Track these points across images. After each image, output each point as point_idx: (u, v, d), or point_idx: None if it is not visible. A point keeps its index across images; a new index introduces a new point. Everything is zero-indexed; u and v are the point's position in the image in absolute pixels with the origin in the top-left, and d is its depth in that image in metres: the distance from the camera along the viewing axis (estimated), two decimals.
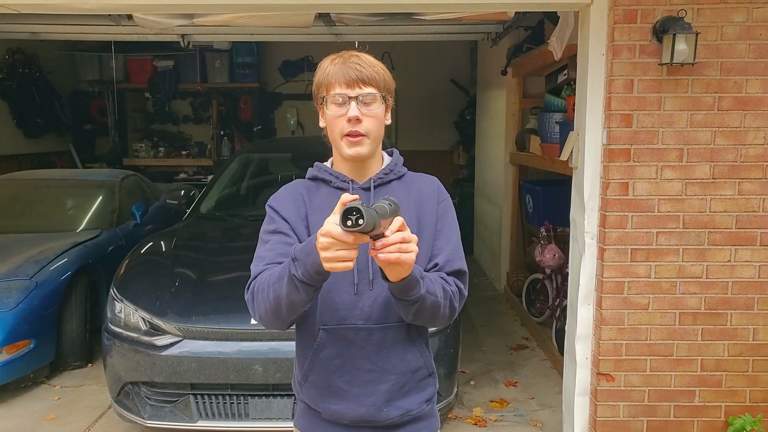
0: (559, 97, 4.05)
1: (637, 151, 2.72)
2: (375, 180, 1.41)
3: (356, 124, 1.32)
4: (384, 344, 1.38)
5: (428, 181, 1.49)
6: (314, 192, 1.42)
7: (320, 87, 1.37)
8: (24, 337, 3.64)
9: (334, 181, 1.41)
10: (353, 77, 1.32)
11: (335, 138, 1.36)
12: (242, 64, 8.04)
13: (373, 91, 1.34)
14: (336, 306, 1.35)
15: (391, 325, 1.37)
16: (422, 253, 1.38)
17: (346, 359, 1.38)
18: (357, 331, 1.36)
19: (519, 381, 3.86)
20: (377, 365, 1.38)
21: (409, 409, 1.42)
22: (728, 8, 2.64)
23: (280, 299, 1.25)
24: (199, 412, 2.87)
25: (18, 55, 6.91)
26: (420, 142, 8.21)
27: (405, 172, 1.47)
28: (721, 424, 2.86)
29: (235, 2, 2.82)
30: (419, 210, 1.42)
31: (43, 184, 5.23)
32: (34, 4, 2.76)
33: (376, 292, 1.36)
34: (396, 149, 1.51)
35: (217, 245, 3.78)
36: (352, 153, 1.35)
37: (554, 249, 4.27)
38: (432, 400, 1.49)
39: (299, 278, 1.19)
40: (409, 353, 1.41)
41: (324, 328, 1.37)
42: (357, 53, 1.37)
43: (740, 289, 2.78)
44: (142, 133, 8.59)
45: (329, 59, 1.37)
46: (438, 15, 3.82)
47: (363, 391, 1.38)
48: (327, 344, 1.38)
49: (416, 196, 1.43)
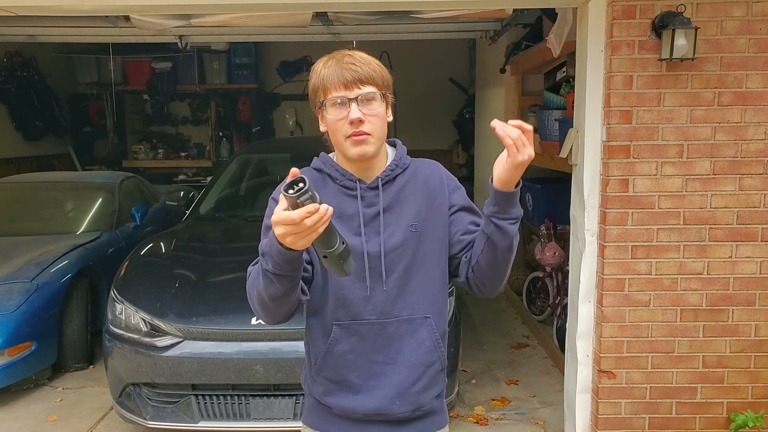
0: (558, 95, 4.04)
1: (636, 147, 2.71)
2: (382, 178, 1.40)
3: (359, 126, 1.30)
4: (396, 337, 1.38)
5: (433, 168, 1.47)
6: (320, 187, 1.39)
7: (317, 91, 1.34)
8: (25, 340, 3.64)
9: (340, 179, 1.39)
10: (350, 78, 1.30)
11: (339, 141, 1.34)
12: (240, 65, 8.04)
13: (372, 89, 1.31)
14: (349, 302, 1.36)
15: (404, 318, 1.38)
16: (437, 244, 1.40)
17: (360, 354, 1.38)
18: (371, 326, 1.37)
19: (520, 379, 3.85)
20: (390, 357, 1.39)
21: (421, 404, 1.42)
22: (728, 3, 2.63)
23: (262, 294, 1.26)
24: (200, 412, 2.87)
25: (16, 58, 6.91)
26: (419, 141, 8.19)
27: (409, 162, 1.46)
28: (723, 421, 2.86)
29: (232, 2, 2.81)
30: (429, 201, 1.41)
31: (43, 186, 5.24)
32: (30, 6, 2.76)
33: (389, 287, 1.37)
34: (398, 139, 1.48)
35: (217, 246, 3.78)
36: (358, 152, 1.32)
37: (555, 247, 4.26)
38: (441, 395, 1.49)
39: (271, 271, 1.20)
40: (422, 347, 1.40)
41: (338, 324, 1.38)
42: (350, 52, 1.34)
43: (741, 285, 2.78)
44: (140, 134, 8.59)
45: (322, 62, 1.35)
46: (436, 13, 3.81)
47: (376, 384, 1.39)
48: (341, 339, 1.38)
49: (423, 187, 1.42)
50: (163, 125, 8.66)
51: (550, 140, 4.01)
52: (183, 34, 5.09)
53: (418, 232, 1.39)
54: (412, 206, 1.40)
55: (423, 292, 1.40)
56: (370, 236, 1.37)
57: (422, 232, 1.39)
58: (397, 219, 1.39)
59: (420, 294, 1.40)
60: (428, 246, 1.40)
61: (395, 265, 1.37)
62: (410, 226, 1.38)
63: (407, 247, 1.38)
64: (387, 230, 1.38)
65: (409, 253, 1.38)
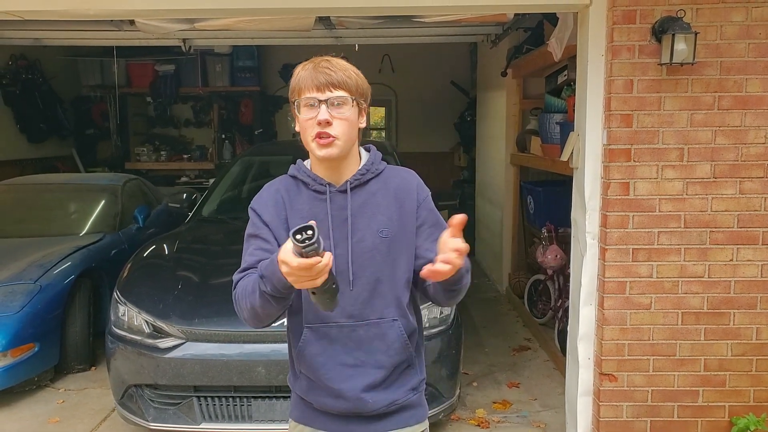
0: (559, 98, 4.06)
1: (637, 151, 2.72)
2: (351, 182, 1.43)
3: (326, 127, 1.34)
4: (366, 340, 1.42)
5: (406, 177, 1.50)
6: (295, 194, 1.45)
7: (293, 92, 1.40)
8: (28, 341, 3.65)
9: (312, 184, 1.43)
10: (323, 81, 1.35)
11: (307, 141, 1.39)
12: (243, 67, 8.07)
13: (343, 94, 1.36)
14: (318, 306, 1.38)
15: (373, 321, 1.42)
16: (405, 251, 1.44)
17: (329, 356, 1.43)
18: (340, 329, 1.42)
19: (522, 382, 3.86)
20: (360, 359, 1.43)
21: (395, 399, 1.46)
22: (727, 8, 2.64)
23: (256, 309, 1.33)
24: (202, 414, 2.88)
25: (21, 61, 6.95)
26: (420, 144, 8.23)
27: (383, 168, 1.48)
28: (725, 424, 2.86)
29: (236, 6, 2.83)
30: (400, 208, 1.44)
31: (47, 188, 5.26)
32: (38, 10, 2.78)
33: (356, 291, 1.40)
34: (373, 145, 1.52)
35: (219, 248, 3.79)
36: (323, 154, 1.37)
37: (556, 250, 4.27)
38: (418, 389, 1.52)
39: (269, 293, 1.27)
40: (391, 348, 1.44)
41: (308, 327, 1.43)
42: (329, 58, 1.39)
43: (743, 289, 2.78)
44: (143, 137, 8.63)
45: (301, 65, 1.40)
46: (438, 17, 3.83)
47: (348, 386, 1.42)
48: (311, 341, 1.43)
49: (395, 194, 1.45)
50: (166, 127, 8.69)
51: (551, 143, 4.02)
52: (187, 37, 5.13)
53: (388, 239, 1.42)
54: (383, 212, 1.43)
55: (391, 296, 1.43)
56: (339, 240, 1.40)
57: (392, 238, 1.42)
58: (368, 224, 1.42)
59: (388, 298, 1.43)
60: (397, 252, 1.43)
61: (363, 270, 1.40)
62: (380, 232, 1.41)
63: (376, 252, 1.41)
64: (356, 235, 1.41)
65: (378, 258, 1.41)
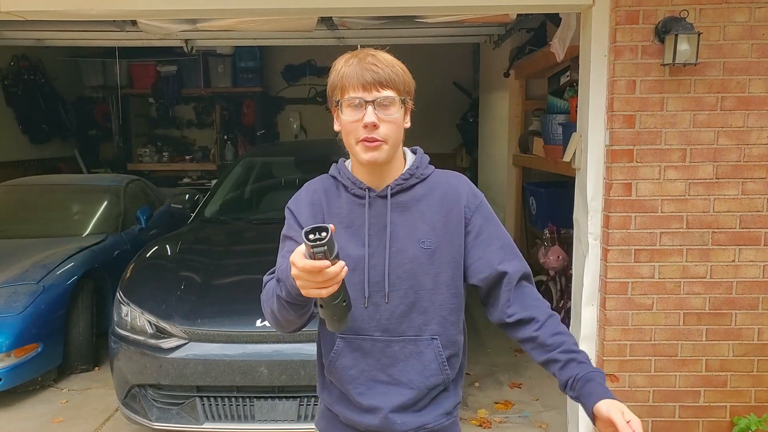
0: (561, 99, 4.06)
1: (640, 151, 2.72)
2: (393, 187, 1.32)
3: (373, 131, 1.24)
4: (401, 357, 1.32)
5: (454, 183, 1.37)
6: (334, 196, 1.36)
7: (334, 89, 1.28)
8: (31, 341, 3.66)
9: (351, 188, 1.33)
10: (370, 79, 1.23)
11: (351, 143, 1.28)
12: (245, 68, 8.08)
13: (391, 94, 1.25)
14: (352, 317, 1.28)
15: (410, 338, 1.31)
16: (449, 264, 1.32)
17: (362, 370, 1.33)
18: (374, 343, 1.32)
19: (523, 382, 3.86)
20: (393, 377, 1.32)
21: (425, 423, 1.35)
22: (730, 8, 2.64)
23: (275, 314, 1.26)
24: (205, 414, 2.88)
25: (23, 61, 6.96)
26: (422, 145, 7.95)
27: (429, 172, 1.37)
28: (726, 425, 2.86)
29: (238, 7, 2.84)
30: (445, 218, 1.33)
31: (49, 189, 5.27)
32: (40, 11, 2.79)
33: (392, 305, 1.30)
34: (420, 147, 1.40)
35: (222, 249, 3.79)
36: (368, 158, 1.26)
37: (558, 251, 4.27)
38: (452, 413, 1.41)
39: (284, 298, 1.20)
40: (427, 369, 1.33)
41: (341, 337, 1.33)
42: (374, 52, 1.27)
43: (745, 289, 2.78)
44: (145, 138, 8.64)
45: (344, 59, 1.28)
46: (440, 18, 3.83)
47: (378, 403, 1.32)
48: (344, 353, 1.34)
49: (440, 201, 1.33)
50: (168, 128, 8.71)
51: (553, 144, 4.02)
52: (189, 38, 5.14)
53: (430, 250, 1.30)
54: (427, 221, 1.31)
55: (432, 313, 1.32)
56: (376, 249, 1.30)
57: (435, 250, 1.30)
58: (409, 233, 1.30)
59: (429, 315, 1.31)
60: (440, 265, 1.31)
61: (401, 282, 1.30)
62: (421, 242, 1.30)
63: (416, 264, 1.30)
64: (395, 244, 1.30)
65: (418, 270, 1.30)
